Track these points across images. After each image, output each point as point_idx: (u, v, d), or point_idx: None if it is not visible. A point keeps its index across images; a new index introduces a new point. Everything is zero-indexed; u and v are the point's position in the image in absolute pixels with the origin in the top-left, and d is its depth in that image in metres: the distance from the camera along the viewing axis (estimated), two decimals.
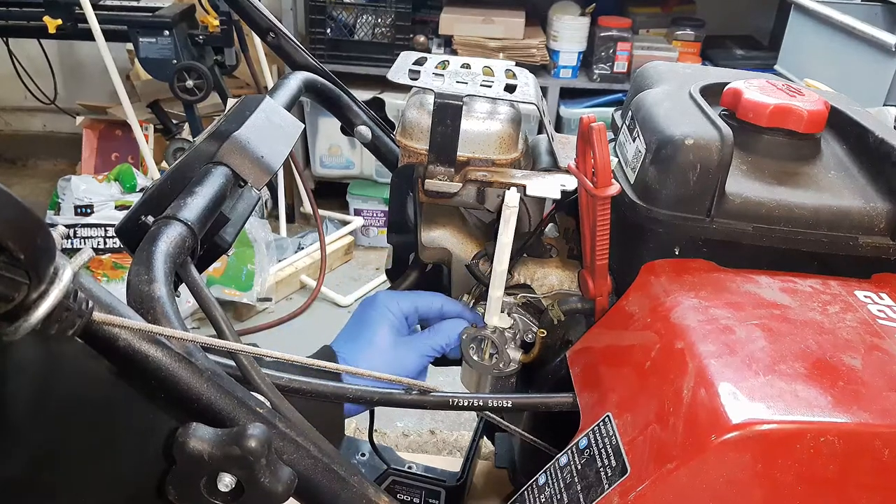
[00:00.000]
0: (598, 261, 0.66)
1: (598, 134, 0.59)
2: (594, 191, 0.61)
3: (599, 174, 0.61)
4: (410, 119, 0.72)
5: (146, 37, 2.19)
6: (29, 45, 2.73)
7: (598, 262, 0.66)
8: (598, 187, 0.61)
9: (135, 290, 0.46)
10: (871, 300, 0.60)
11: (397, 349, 0.72)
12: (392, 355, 0.71)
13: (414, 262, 0.83)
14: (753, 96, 0.68)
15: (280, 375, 0.54)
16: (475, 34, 2.55)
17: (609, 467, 0.52)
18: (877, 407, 0.48)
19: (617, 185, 0.62)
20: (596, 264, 0.66)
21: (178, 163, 0.61)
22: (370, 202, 2.73)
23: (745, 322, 0.55)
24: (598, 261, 0.66)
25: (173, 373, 0.44)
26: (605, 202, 0.62)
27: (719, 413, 0.47)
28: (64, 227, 0.42)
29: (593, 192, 0.61)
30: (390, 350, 0.71)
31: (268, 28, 0.88)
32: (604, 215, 0.63)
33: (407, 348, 0.73)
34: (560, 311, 0.72)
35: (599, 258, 0.65)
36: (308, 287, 2.46)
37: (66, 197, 2.33)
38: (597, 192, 0.61)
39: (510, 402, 0.61)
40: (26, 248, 0.33)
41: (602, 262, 0.66)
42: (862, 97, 1.00)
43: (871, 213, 0.63)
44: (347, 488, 0.50)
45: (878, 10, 2.00)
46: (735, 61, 2.65)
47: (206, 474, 0.42)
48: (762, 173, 0.67)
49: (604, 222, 0.63)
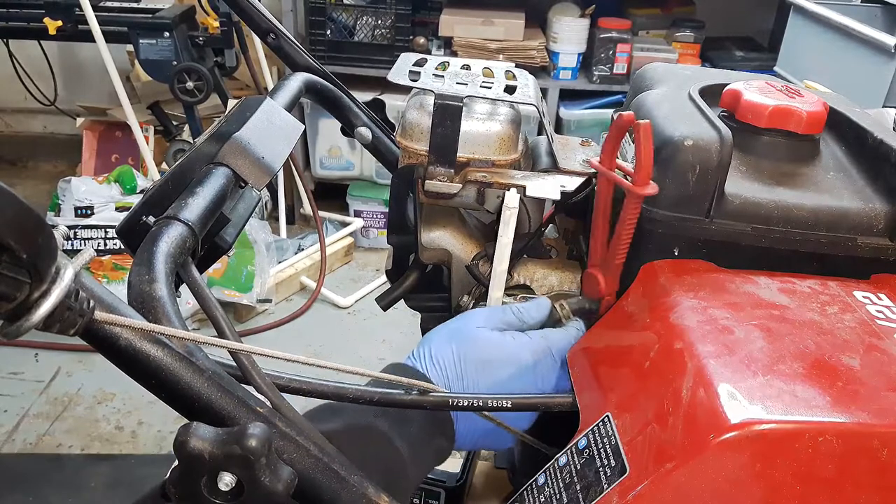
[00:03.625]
0: (618, 259, 0.65)
1: (645, 132, 0.59)
2: (633, 188, 0.60)
3: (642, 172, 0.60)
4: (410, 120, 0.72)
5: (146, 38, 2.20)
6: (29, 47, 2.73)
7: (616, 261, 0.65)
8: (638, 185, 0.61)
9: (136, 289, 0.46)
10: (869, 301, 0.60)
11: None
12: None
13: (414, 263, 0.83)
14: (753, 97, 0.68)
15: (280, 375, 0.54)
16: (475, 35, 2.55)
17: (608, 467, 0.52)
18: (875, 407, 0.48)
19: (655, 186, 0.61)
20: (614, 262, 0.65)
21: (178, 164, 0.61)
22: (370, 203, 2.73)
23: (744, 322, 0.55)
24: (618, 259, 0.65)
25: (174, 372, 0.44)
26: (639, 201, 0.61)
27: (718, 413, 0.47)
28: (65, 228, 0.42)
29: (631, 190, 0.61)
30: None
31: (268, 29, 0.89)
32: (634, 214, 0.62)
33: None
34: (570, 310, 0.71)
35: (619, 257, 0.65)
36: (308, 288, 2.46)
37: (66, 198, 2.33)
38: (636, 190, 0.60)
39: (510, 402, 0.61)
40: (28, 247, 0.33)
41: (620, 260, 0.65)
42: (861, 98, 1.00)
43: (869, 213, 0.63)
44: (347, 487, 0.50)
45: (878, 12, 2.00)
46: (734, 62, 2.65)
47: (206, 473, 0.42)
48: (761, 174, 0.67)
49: (632, 221, 0.62)
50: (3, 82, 2.90)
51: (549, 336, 0.68)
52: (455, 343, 0.66)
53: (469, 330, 0.67)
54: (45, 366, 2.07)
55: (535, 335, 0.68)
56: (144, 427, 1.89)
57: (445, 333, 0.68)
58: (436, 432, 0.64)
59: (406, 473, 0.61)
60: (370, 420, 0.61)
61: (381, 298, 0.86)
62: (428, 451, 0.64)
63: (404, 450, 0.61)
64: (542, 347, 0.67)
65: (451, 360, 0.65)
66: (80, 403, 1.96)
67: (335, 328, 2.31)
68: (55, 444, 1.84)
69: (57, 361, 2.08)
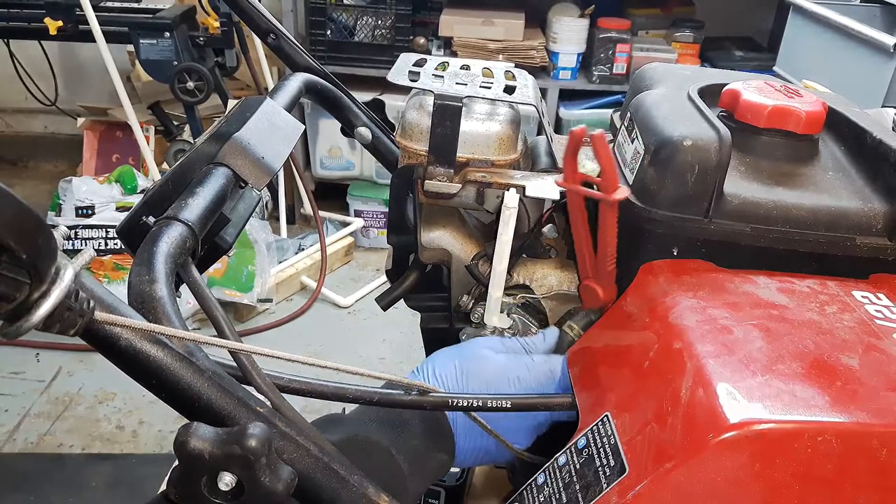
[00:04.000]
0: (609, 266, 0.66)
1: (600, 140, 0.59)
2: (605, 197, 0.61)
3: (609, 179, 0.60)
4: (410, 120, 0.72)
5: (147, 38, 2.20)
6: (30, 47, 2.73)
7: (608, 268, 0.66)
8: (609, 192, 0.61)
9: (136, 290, 0.47)
10: (868, 300, 0.60)
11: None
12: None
13: (414, 263, 0.83)
14: (752, 97, 0.68)
15: (280, 375, 0.54)
16: (475, 36, 2.55)
17: (608, 467, 0.53)
18: (874, 406, 0.48)
19: (626, 189, 0.62)
20: (606, 270, 0.66)
21: (178, 164, 0.61)
22: (370, 203, 2.73)
23: (743, 322, 0.55)
24: (609, 266, 0.66)
25: (174, 372, 0.44)
26: (614, 207, 0.62)
27: (717, 413, 0.47)
28: (65, 228, 0.43)
29: (604, 199, 0.61)
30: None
31: (268, 29, 0.89)
32: (613, 220, 0.62)
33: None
34: (580, 329, 0.71)
35: (610, 263, 0.65)
36: (308, 288, 2.46)
37: (66, 198, 2.33)
38: (608, 198, 0.61)
39: (510, 402, 0.61)
40: (28, 248, 0.33)
41: (611, 266, 0.66)
42: (860, 98, 1.00)
43: (868, 213, 0.63)
44: (347, 487, 0.50)
45: (877, 12, 2.00)
46: (734, 62, 2.65)
47: (206, 473, 0.43)
48: (760, 174, 0.67)
49: (613, 227, 0.63)
50: (3, 82, 2.89)
51: (551, 360, 0.68)
52: (459, 360, 0.67)
53: (474, 350, 0.68)
54: (46, 365, 2.07)
55: (539, 359, 0.69)
56: (145, 427, 1.89)
57: (450, 352, 0.69)
58: (436, 447, 0.65)
59: (405, 486, 0.61)
60: (371, 433, 0.62)
61: (381, 298, 0.86)
62: (428, 465, 0.64)
63: (404, 464, 0.61)
64: (544, 371, 0.67)
65: (454, 376, 0.66)
66: (80, 403, 1.96)
67: (335, 328, 2.31)
68: (56, 443, 1.84)
69: (58, 361, 2.08)
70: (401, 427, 0.63)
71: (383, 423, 0.63)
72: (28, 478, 1.74)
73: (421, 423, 0.64)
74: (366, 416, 0.65)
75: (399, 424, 0.63)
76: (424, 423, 0.64)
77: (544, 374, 0.67)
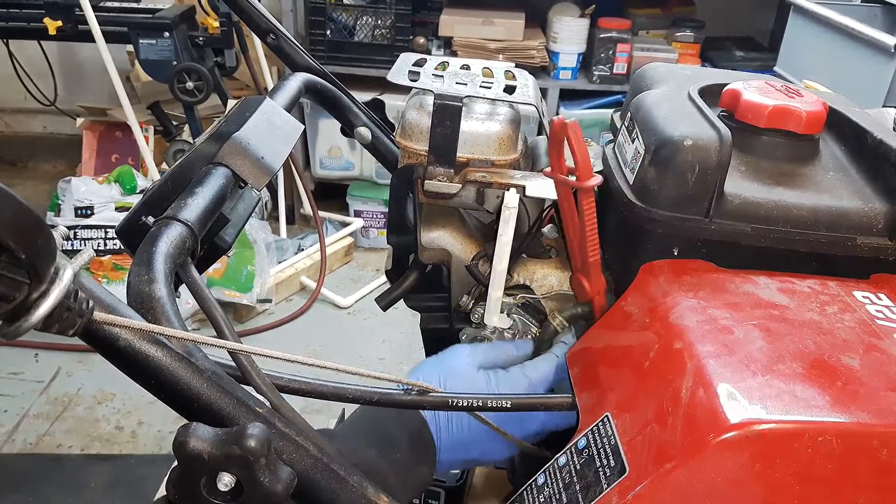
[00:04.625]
0: (591, 258, 0.66)
1: (573, 129, 0.60)
2: (579, 184, 0.62)
3: (581, 167, 0.61)
4: (410, 120, 0.72)
5: (146, 38, 2.19)
6: (29, 47, 2.73)
7: (590, 260, 0.66)
8: (582, 180, 0.61)
9: (135, 290, 0.46)
10: (869, 300, 0.60)
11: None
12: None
13: (414, 263, 0.83)
14: (752, 97, 0.68)
15: (280, 375, 0.54)
16: (475, 35, 2.55)
17: (608, 467, 0.52)
18: (875, 407, 0.48)
19: (599, 176, 0.62)
20: (588, 262, 0.66)
21: (178, 164, 0.61)
22: (370, 203, 2.73)
23: (744, 322, 0.55)
24: (591, 258, 0.66)
25: (173, 372, 0.44)
26: (590, 195, 0.62)
27: (718, 413, 0.47)
28: (65, 228, 0.42)
29: (578, 186, 0.62)
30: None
31: (268, 29, 0.89)
32: (591, 208, 0.63)
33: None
34: (563, 320, 0.72)
35: (591, 255, 0.65)
36: (308, 288, 2.46)
37: (66, 198, 2.33)
38: (582, 185, 0.61)
39: (510, 402, 0.61)
40: (27, 248, 0.33)
41: (594, 258, 0.66)
42: (861, 98, 1.00)
43: (869, 213, 0.63)
44: (347, 488, 0.50)
45: (878, 12, 2.00)
46: (734, 62, 2.65)
47: (205, 474, 0.43)
48: (761, 174, 0.67)
49: (591, 215, 0.63)
50: (3, 82, 2.89)
51: (528, 372, 0.70)
52: (443, 374, 0.69)
53: (456, 364, 0.70)
54: (45, 366, 2.07)
55: (516, 372, 0.70)
56: (144, 427, 1.89)
57: (434, 364, 0.71)
58: (419, 460, 0.66)
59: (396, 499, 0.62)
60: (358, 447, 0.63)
61: (380, 298, 0.86)
62: (413, 478, 0.65)
63: (391, 477, 0.62)
64: (522, 385, 0.69)
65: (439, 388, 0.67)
66: (80, 403, 1.96)
67: (335, 328, 2.31)
68: (55, 444, 1.84)
69: (57, 361, 2.08)
70: (387, 441, 0.64)
71: (370, 438, 0.65)
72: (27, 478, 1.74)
73: (406, 436, 0.65)
74: (352, 431, 0.66)
75: (385, 439, 0.65)
76: (409, 436, 0.65)
77: (523, 388, 0.68)
